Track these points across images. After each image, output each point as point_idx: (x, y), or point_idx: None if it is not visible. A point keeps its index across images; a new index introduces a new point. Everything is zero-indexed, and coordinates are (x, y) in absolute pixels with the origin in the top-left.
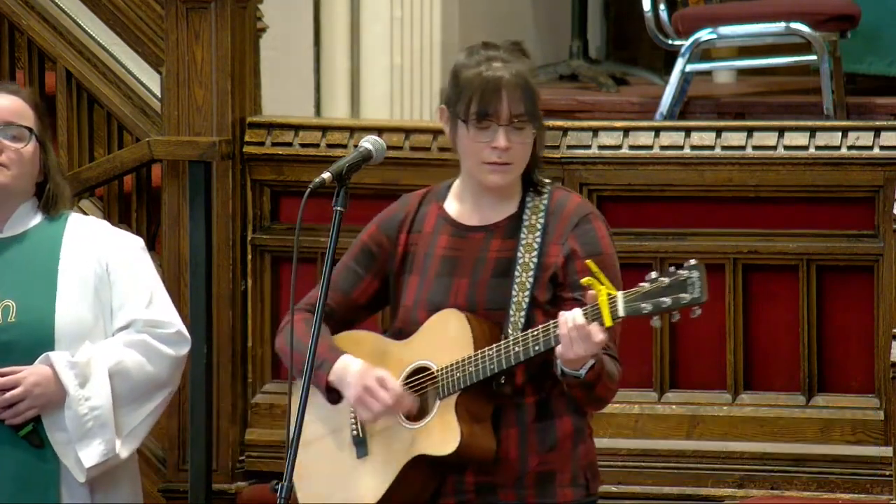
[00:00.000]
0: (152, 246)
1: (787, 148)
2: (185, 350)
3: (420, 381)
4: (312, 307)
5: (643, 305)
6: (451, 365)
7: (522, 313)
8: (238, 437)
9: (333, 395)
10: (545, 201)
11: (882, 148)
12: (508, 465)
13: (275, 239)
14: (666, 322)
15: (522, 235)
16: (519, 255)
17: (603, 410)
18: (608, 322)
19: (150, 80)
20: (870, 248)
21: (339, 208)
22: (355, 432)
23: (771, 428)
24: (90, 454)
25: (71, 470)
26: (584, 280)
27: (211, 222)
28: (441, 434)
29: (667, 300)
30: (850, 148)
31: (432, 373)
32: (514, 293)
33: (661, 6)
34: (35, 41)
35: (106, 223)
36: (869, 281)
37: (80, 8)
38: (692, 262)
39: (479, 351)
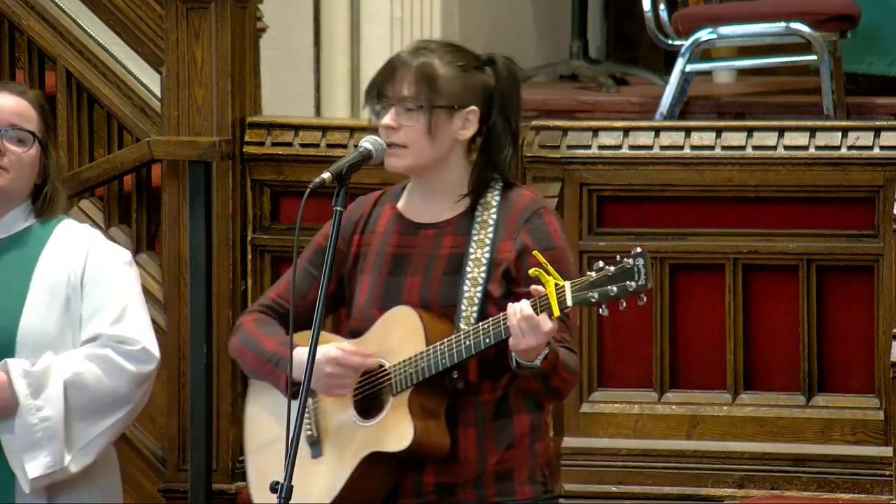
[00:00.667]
0: (152, 246)
1: (787, 148)
2: (148, 367)
3: (374, 379)
4: (266, 308)
5: (590, 294)
6: (404, 361)
7: (475, 308)
8: (238, 437)
9: (295, 390)
10: (497, 197)
11: (882, 148)
12: (468, 465)
13: (275, 239)
14: (666, 323)
15: (474, 231)
16: (471, 250)
17: (603, 410)
18: (556, 312)
19: (150, 80)
20: (870, 248)
21: (339, 208)
22: (310, 432)
23: (771, 428)
24: (35, 466)
25: (19, 479)
26: (532, 271)
27: (211, 222)
28: (395, 431)
29: (613, 288)
30: (850, 148)
31: (385, 370)
32: (465, 288)
33: (661, 6)
34: (35, 41)
35: (97, 233)
36: (869, 281)
37: (80, 8)
38: (637, 249)
39: (431, 346)
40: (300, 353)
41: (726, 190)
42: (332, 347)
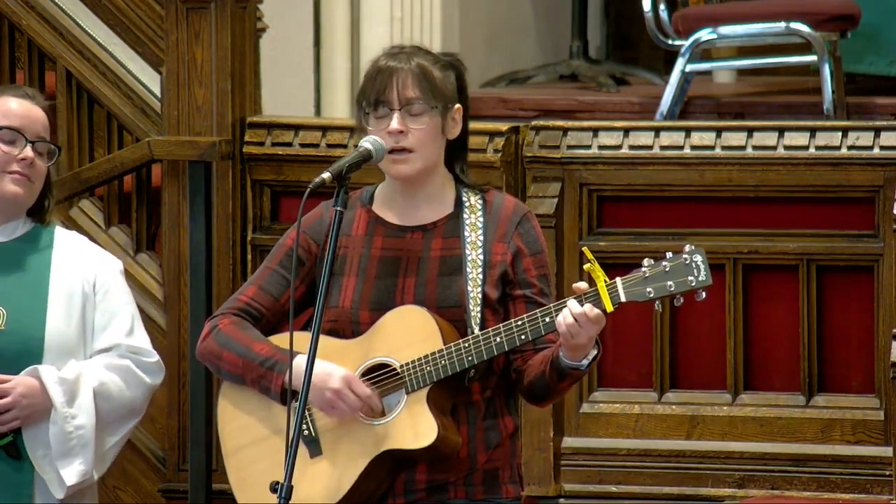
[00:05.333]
0: (152, 246)
1: (787, 148)
2: (159, 380)
3: (381, 378)
4: (239, 311)
5: (648, 290)
6: (420, 359)
7: (478, 309)
8: None
9: (285, 397)
10: (480, 200)
11: (882, 148)
12: (459, 463)
13: (275, 239)
14: (666, 323)
15: (466, 233)
16: (467, 252)
17: (603, 410)
18: (609, 308)
19: (150, 80)
20: (870, 248)
21: (339, 208)
22: (306, 431)
23: (771, 428)
24: (71, 472)
25: (49, 485)
26: (587, 266)
27: (211, 222)
28: (414, 428)
29: (671, 284)
30: (850, 148)
31: (393, 369)
32: (469, 289)
33: (661, 6)
34: (35, 41)
35: (87, 240)
36: (869, 281)
37: (80, 8)
38: (691, 246)
39: (452, 343)
40: (300, 361)
41: (726, 190)
42: (343, 372)
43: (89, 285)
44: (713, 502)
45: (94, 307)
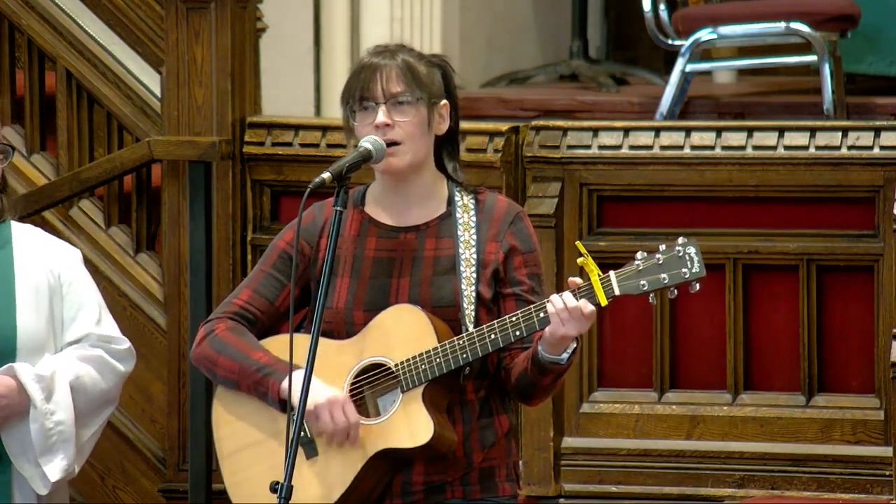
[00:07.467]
0: (152, 246)
1: (787, 148)
2: (132, 366)
3: (376, 378)
4: (234, 315)
5: (641, 283)
6: (414, 358)
7: (472, 308)
8: None
9: (283, 404)
10: (473, 200)
11: (882, 148)
12: (456, 463)
13: None
14: (666, 323)
15: (460, 233)
16: (460, 251)
17: (603, 410)
18: (603, 301)
19: (150, 80)
20: (870, 248)
21: (339, 208)
22: (302, 433)
23: (771, 428)
24: (54, 469)
25: (31, 482)
26: (580, 260)
27: (211, 222)
28: (409, 427)
29: (664, 276)
30: (850, 148)
31: (388, 368)
32: (463, 288)
33: (661, 6)
34: (35, 41)
35: (43, 231)
36: (869, 281)
37: (80, 8)
38: (683, 238)
39: (447, 341)
40: (298, 376)
41: (726, 190)
42: (340, 393)
43: (54, 277)
44: (713, 502)
45: (62, 299)
